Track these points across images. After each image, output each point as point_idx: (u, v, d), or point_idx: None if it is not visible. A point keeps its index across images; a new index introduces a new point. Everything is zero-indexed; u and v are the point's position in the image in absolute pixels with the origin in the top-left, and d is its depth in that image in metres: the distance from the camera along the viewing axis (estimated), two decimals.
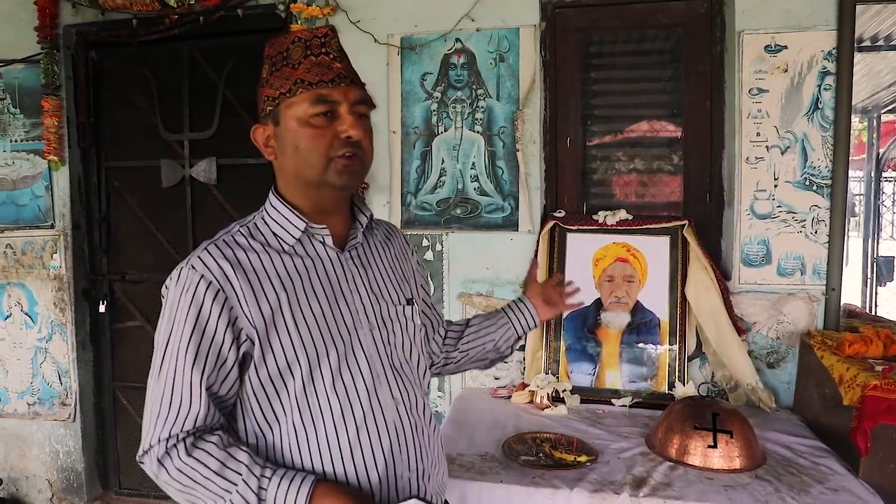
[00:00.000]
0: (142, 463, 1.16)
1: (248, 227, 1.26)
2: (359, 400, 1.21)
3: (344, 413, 1.19)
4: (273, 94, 1.20)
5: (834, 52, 2.42)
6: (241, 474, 1.10)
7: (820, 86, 2.44)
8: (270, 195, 1.29)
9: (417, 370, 1.35)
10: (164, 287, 1.21)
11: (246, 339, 1.16)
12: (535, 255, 2.68)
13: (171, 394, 1.13)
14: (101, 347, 3.45)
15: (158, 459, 1.12)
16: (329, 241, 1.27)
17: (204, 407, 1.14)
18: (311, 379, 1.18)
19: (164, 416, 1.13)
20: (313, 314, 1.20)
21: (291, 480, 1.10)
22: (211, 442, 1.13)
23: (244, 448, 1.14)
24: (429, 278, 1.61)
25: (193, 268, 1.16)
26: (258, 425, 1.20)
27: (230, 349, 1.15)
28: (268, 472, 1.11)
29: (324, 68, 1.18)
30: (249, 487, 1.09)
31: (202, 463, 1.11)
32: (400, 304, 1.34)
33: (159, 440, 1.12)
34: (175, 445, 1.12)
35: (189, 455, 1.11)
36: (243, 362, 1.18)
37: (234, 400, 1.21)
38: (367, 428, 1.21)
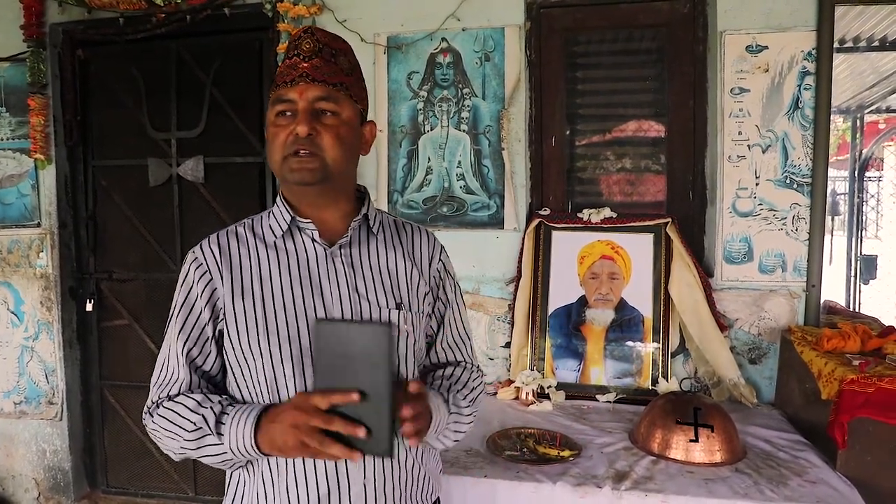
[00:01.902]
0: (145, 424, 1.29)
1: (252, 220, 1.35)
2: None
3: None
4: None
5: (814, 52, 2.45)
6: (211, 402, 1.20)
7: (800, 85, 2.48)
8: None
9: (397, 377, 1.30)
10: None
11: (222, 319, 1.25)
12: (521, 254, 2.70)
13: (165, 361, 1.28)
14: (88, 346, 3.44)
15: (150, 413, 1.26)
16: (316, 235, 1.28)
17: (187, 375, 1.25)
18: (273, 368, 1.21)
19: (158, 382, 1.28)
20: (284, 306, 1.23)
21: (247, 408, 1.17)
22: (192, 393, 1.25)
23: (224, 396, 1.25)
24: (457, 303, 1.49)
25: (193, 252, 1.29)
26: (238, 397, 1.28)
27: (208, 324, 1.26)
28: (234, 405, 1.20)
29: (290, 69, 1.23)
30: (213, 411, 1.18)
31: (181, 403, 1.22)
32: (387, 307, 1.30)
33: (153, 402, 1.27)
34: (162, 401, 1.25)
35: (171, 400, 1.24)
36: (220, 339, 1.27)
37: (221, 376, 1.30)
38: None
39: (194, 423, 1.18)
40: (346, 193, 1.34)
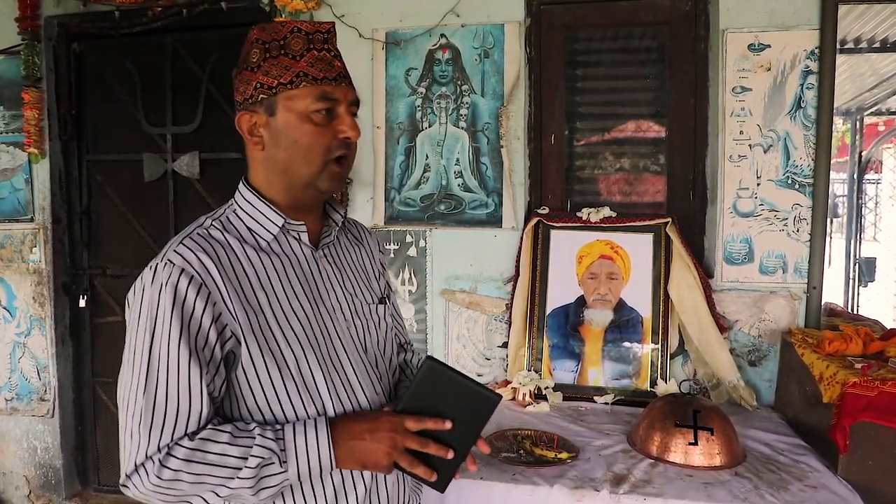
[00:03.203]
0: (125, 486, 1.07)
1: (220, 221, 1.21)
2: (347, 397, 1.20)
3: (336, 411, 1.18)
4: (269, 82, 1.16)
5: (816, 51, 2.43)
6: (253, 432, 1.07)
7: (802, 85, 2.45)
8: (241, 187, 1.25)
9: (388, 368, 1.35)
10: (131, 290, 1.13)
11: (231, 337, 1.11)
12: (519, 253, 2.68)
13: (165, 399, 1.05)
14: (80, 342, 3.41)
15: (160, 462, 1.03)
16: (305, 238, 1.25)
17: (207, 406, 1.07)
18: (303, 379, 1.15)
19: (159, 424, 1.04)
20: (295, 314, 1.18)
21: (303, 425, 1.11)
22: (211, 424, 1.09)
23: (252, 422, 1.12)
24: (390, 285, 1.56)
25: (171, 262, 1.08)
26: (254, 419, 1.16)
27: (216, 346, 1.09)
28: (277, 426, 1.11)
29: (326, 65, 1.17)
30: (267, 438, 1.07)
31: (212, 440, 1.05)
32: (374, 302, 1.34)
33: (158, 449, 1.04)
34: (177, 444, 1.05)
35: (193, 440, 1.05)
36: (227, 361, 1.12)
37: (219, 403, 1.15)
38: None
39: (257, 456, 1.04)
40: None
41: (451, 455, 1.12)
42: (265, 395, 1.13)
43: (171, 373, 1.06)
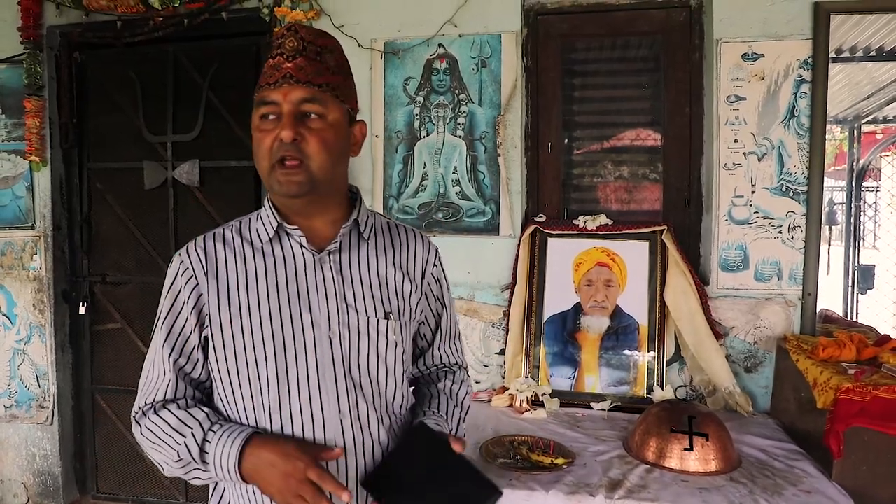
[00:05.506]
0: (133, 430, 1.27)
1: (240, 222, 1.32)
2: (299, 405, 1.19)
3: (282, 416, 1.19)
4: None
5: (810, 60, 2.46)
6: (191, 428, 1.17)
7: (796, 94, 2.48)
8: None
9: (383, 388, 1.27)
10: None
11: (207, 326, 1.23)
12: (516, 260, 2.69)
13: (151, 367, 1.26)
14: (80, 350, 3.42)
15: (137, 421, 1.24)
16: (304, 241, 1.24)
17: (173, 381, 1.23)
18: (258, 374, 1.20)
19: (143, 387, 1.26)
20: (270, 315, 1.20)
21: (230, 433, 1.15)
22: (175, 404, 1.23)
23: (205, 409, 1.22)
24: (450, 305, 1.51)
25: (180, 255, 1.26)
26: (222, 406, 1.25)
27: (193, 330, 1.23)
28: (215, 427, 1.17)
29: (273, 70, 1.18)
30: (195, 439, 1.16)
31: (164, 420, 1.20)
32: (375, 316, 1.26)
33: (139, 407, 1.25)
34: (150, 410, 1.23)
35: (156, 414, 1.22)
36: (206, 346, 1.24)
37: (209, 382, 1.27)
38: (303, 437, 1.19)
39: (178, 454, 1.17)
40: (336, 198, 1.29)
41: (346, 497, 1.08)
42: (223, 387, 1.23)
43: (153, 348, 1.26)
